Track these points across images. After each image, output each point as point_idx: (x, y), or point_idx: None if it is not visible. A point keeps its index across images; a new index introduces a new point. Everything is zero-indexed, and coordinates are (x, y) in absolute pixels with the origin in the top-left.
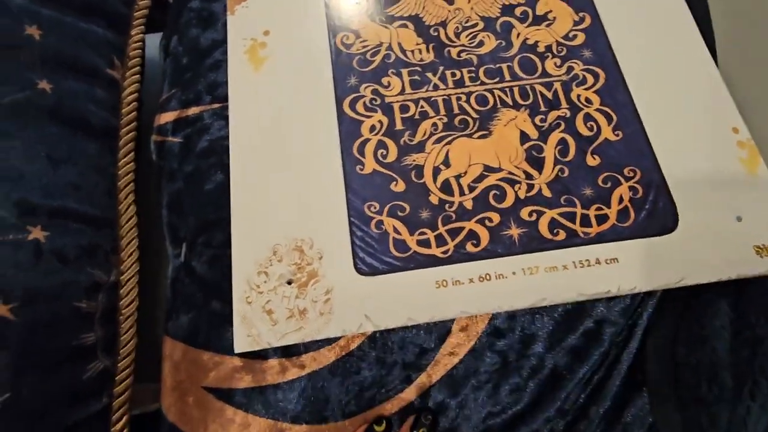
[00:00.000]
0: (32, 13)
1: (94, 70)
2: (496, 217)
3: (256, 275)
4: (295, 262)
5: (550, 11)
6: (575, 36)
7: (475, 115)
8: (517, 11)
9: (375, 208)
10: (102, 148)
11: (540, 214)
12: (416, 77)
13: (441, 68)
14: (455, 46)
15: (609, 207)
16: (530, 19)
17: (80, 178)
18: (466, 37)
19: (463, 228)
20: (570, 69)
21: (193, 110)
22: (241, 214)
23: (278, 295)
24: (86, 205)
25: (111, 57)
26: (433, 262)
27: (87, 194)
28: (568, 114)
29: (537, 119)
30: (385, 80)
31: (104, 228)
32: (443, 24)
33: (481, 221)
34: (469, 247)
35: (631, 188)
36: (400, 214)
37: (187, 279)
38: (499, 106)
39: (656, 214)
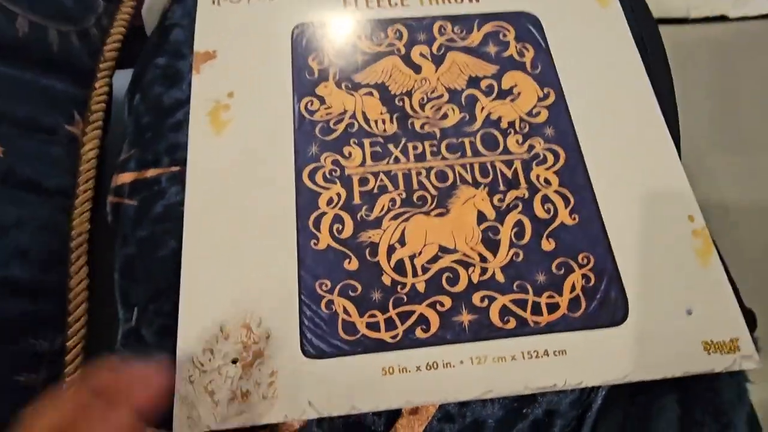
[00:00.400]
0: None
1: (52, 129)
2: (447, 302)
3: (201, 353)
4: (242, 340)
5: (515, 85)
6: (539, 112)
7: (433, 192)
8: (483, 84)
9: (326, 286)
10: (56, 210)
11: (492, 300)
12: (378, 149)
13: (403, 140)
14: (419, 118)
15: (561, 295)
16: (495, 93)
17: (29, 243)
18: (431, 108)
19: (413, 312)
20: (531, 147)
21: (150, 172)
22: (190, 287)
23: (222, 375)
24: (34, 271)
25: (71, 112)
26: (381, 347)
27: (35, 260)
28: (527, 194)
29: (495, 199)
30: (346, 150)
31: (51, 294)
32: (409, 94)
33: (432, 305)
34: (419, 333)
35: (584, 276)
36: (351, 294)
37: (136, 347)
38: (458, 183)
39: (607, 304)
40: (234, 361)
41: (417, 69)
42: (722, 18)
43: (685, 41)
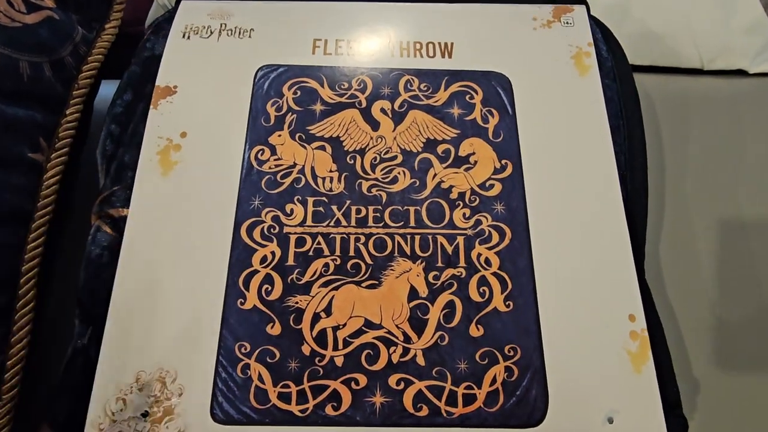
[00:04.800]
0: None
1: (14, 157)
2: (363, 380)
3: (114, 401)
4: (155, 394)
5: (473, 153)
6: (492, 185)
7: (369, 261)
8: (440, 149)
9: (246, 349)
10: (10, 235)
11: (408, 383)
12: (320, 208)
13: (347, 203)
14: (368, 180)
15: (480, 387)
16: (451, 160)
17: None
18: (381, 170)
19: (327, 387)
20: (478, 223)
21: (125, 212)
22: (114, 330)
23: (131, 428)
24: None
25: (37, 139)
26: (290, 420)
27: None
28: (464, 274)
29: (431, 275)
30: (288, 207)
31: None
32: (362, 152)
33: (346, 382)
34: (329, 410)
35: (507, 369)
36: (269, 360)
37: (80, 363)
38: (396, 254)
39: (526, 402)
40: (144, 415)
41: (375, 125)
42: (740, 72)
43: (697, 94)
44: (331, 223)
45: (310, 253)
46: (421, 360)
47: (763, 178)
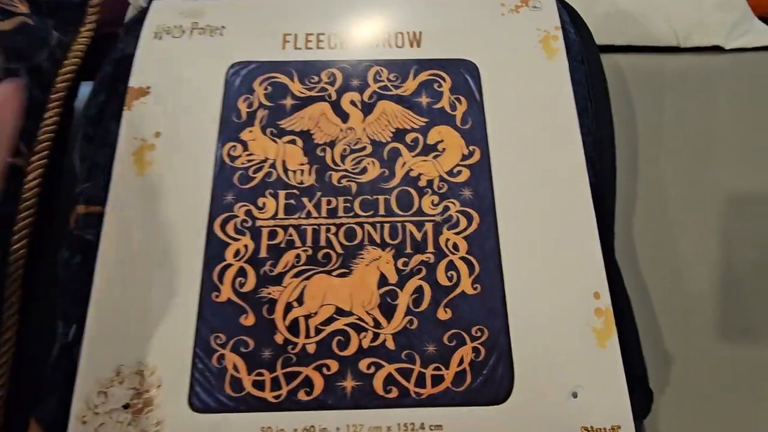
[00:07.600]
0: None
1: None
2: (334, 366)
3: (96, 395)
4: (135, 386)
5: (441, 141)
6: (459, 172)
7: (339, 251)
8: (408, 138)
9: (221, 340)
10: None
11: (378, 367)
12: (292, 201)
13: (318, 194)
14: (338, 171)
15: (447, 368)
16: (419, 148)
17: None
18: (351, 161)
19: (300, 373)
20: (446, 209)
21: (94, 209)
22: (94, 326)
23: (113, 419)
24: None
25: (16, 144)
26: (264, 406)
27: None
28: (432, 260)
29: (400, 262)
30: (260, 201)
31: None
32: (332, 144)
33: (318, 368)
34: (301, 395)
35: (474, 349)
36: (243, 350)
37: (65, 361)
38: (366, 243)
39: (492, 381)
40: (125, 407)
41: (344, 117)
42: (716, 48)
43: (672, 72)
44: (303, 215)
45: (282, 245)
46: (390, 344)
47: (739, 153)
